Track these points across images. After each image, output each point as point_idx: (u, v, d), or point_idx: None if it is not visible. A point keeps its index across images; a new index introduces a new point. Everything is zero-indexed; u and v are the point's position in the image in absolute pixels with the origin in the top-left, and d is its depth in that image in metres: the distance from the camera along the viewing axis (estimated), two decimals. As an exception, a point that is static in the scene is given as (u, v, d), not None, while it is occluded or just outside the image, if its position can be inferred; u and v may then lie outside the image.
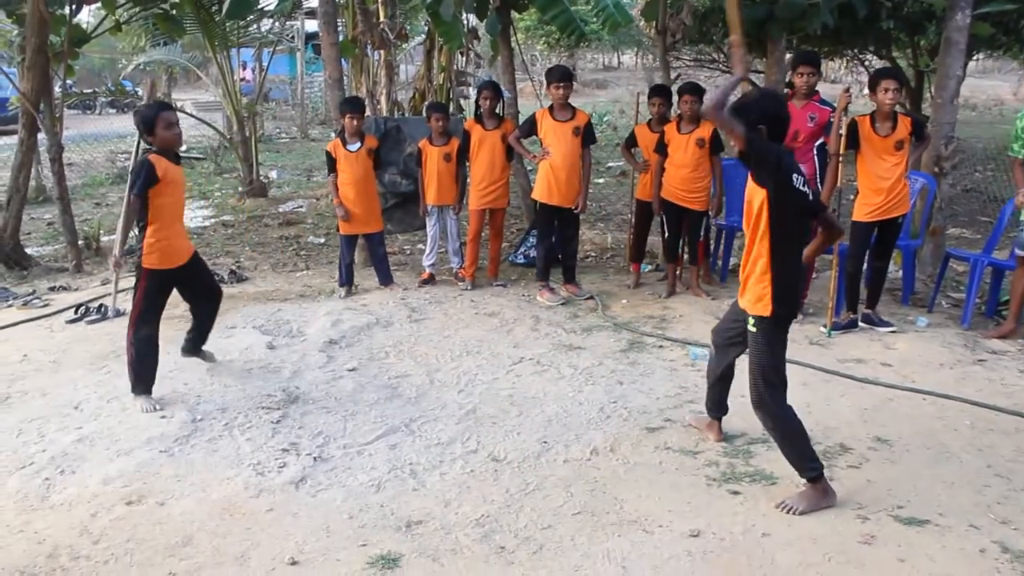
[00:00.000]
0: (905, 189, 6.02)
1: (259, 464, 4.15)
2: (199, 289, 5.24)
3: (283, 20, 14.36)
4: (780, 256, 3.73)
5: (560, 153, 6.80)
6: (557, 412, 4.72)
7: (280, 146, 19.13)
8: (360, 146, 7.03)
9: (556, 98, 6.85)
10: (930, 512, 3.70)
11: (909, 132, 5.94)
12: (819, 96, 6.33)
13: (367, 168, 7.08)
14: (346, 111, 7.04)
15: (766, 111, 3.80)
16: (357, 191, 7.02)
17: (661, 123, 7.15)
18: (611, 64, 40.43)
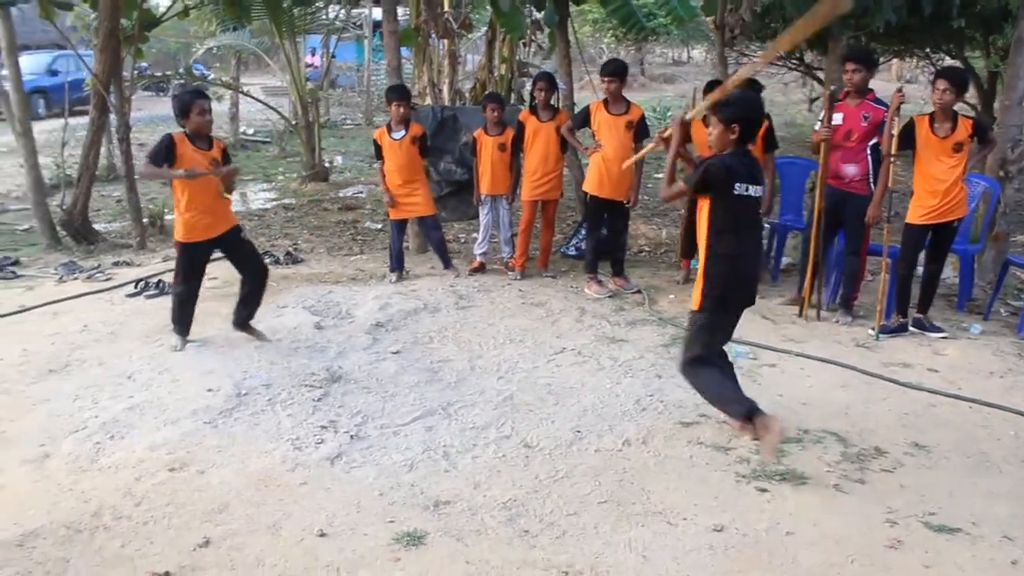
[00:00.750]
0: (963, 192, 5.90)
1: (298, 439, 4.27)
2: (239, 263, 5.68)
3: (350, 7, 14.53)
4: (714, 255, 4.11)
5: (612, 146, 6.81)
6: (593, 402, 4.76)
7: (344, 132, 19.40)
8: (405, 134, 7.10)
9: (608, 92, 6.87)
10: (963, 521, 3.66)
11: (970, 134, 5.81)
12: (873, 95, 6.21)
13: (412, 155, 7.14)
14: (392, 99, 7.14)
15: (741, 113, 4.11)
16: (403, 177, 7.12)
17: None
18: (680, 59, 40.07)
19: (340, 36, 16.80)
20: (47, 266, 7.62)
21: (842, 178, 6.17)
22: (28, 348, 5.52)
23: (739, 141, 4.09)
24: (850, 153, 6.14)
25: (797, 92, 23.09)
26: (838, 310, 6.42)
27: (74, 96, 13.32)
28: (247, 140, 17.24)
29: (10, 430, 4.38)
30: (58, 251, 8.16)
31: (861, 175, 6.13)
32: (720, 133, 4.12)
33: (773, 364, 5.42)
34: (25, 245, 8.44)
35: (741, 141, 4.10)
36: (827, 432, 4.46)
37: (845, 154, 6.14)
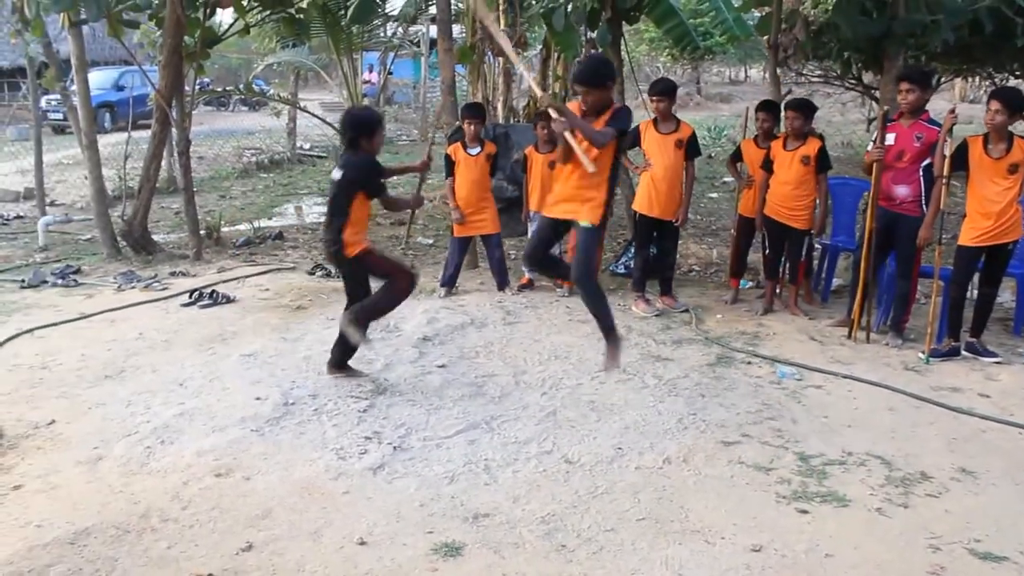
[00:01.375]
0: (1017, 214, 5.78)
1: (342, 449, 4.34)
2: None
3: (407, 25, 14.75)
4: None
5: (661, 165, 6.83)
6: (636, 420, 4.76)
7: (400, 148, 19.62)
8: (480, 151, 7.23)
9: (657, 111, 6.90)
10: (1009, 549, 3.59)
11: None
12: (928, 115, 6.13)
13: (484, 172, 7.26)
14: (466, 116, 7.26)
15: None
16: (474, 194, 7.22)
17: (767, 138, 7.10)
18: (737, 78, 39.86)
19: (397, 53, 17.07)
20: (107, 275, 7.84)
21: (893, 199, 6.10)
22: (86, 353, 5.70)
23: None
24: (902, 174, 6.06)
25: (855, 112, 22.79)
26: (888, 333, 6.34)
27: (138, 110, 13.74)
28: (304, 155, 17.54)
29: (66, 432, 4.52)
30: (118, 260, 8.40)
31: (913, 196, 6.05)
32: None
33: (819, 386, 5.37)
34: (87, 254, 8.69)
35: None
36: (872, 455, 4.40)
37: (897, 175, 6.07)
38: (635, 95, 14.93)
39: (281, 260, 8.57)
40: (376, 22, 13.21)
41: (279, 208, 12.37)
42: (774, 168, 6.76)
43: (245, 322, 6.42)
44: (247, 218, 10.90)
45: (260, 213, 11.59)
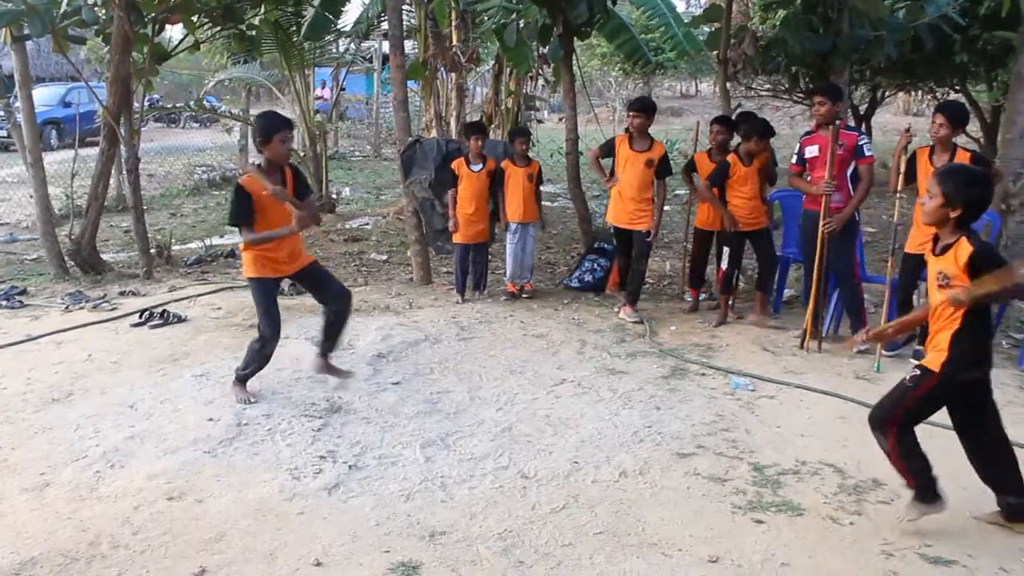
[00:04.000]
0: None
1: (296, 469, 4.29)
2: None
3: (359, 40, 14.71)
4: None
5: (628, 182, 6.99)
6: (591, 434, 4.77)
7: (353, 164, 19.55)
8: (482, 167, 7.57)
9: (633, 127, 7.00)
10: (959, 553, 3.65)
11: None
12: (844, 123, 6.39)
13: (484, 187, 7.61)
14: (471, 133, 7.64)
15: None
16: (474, 206, 7.54)
17: (721, 152, 7.19)
18: (688, 92, 40.33)
19: (349, 69, 16.99)
20: (54, 295, 7.68)
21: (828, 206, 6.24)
22: (32, 376, 5.57)
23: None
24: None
25: (804, 125, 23.16)
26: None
27: (86, 127, 13.49)
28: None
29: (11, 458, 4.41)
30: (66, 281, 8.23)
31: (844, 201, 6.22)
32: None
33: (772, 396, 5.43)
34: (33, 275, 8.51)
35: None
36: (825, 464, 4.46)
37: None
38: (587, 110, 15.03)
39: (234, 278, 8.46)
40: (328, 38, 13.14)
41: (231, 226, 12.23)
42: (730, 182, 6.85)
43: (197, 342, 6.32)
44: (199, 236, 10.75)
45: (212, 231, 11.45)
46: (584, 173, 9.73)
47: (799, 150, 6.47)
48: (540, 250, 9.96)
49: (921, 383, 3.77)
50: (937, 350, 3.74)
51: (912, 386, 3.79)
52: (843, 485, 4.24)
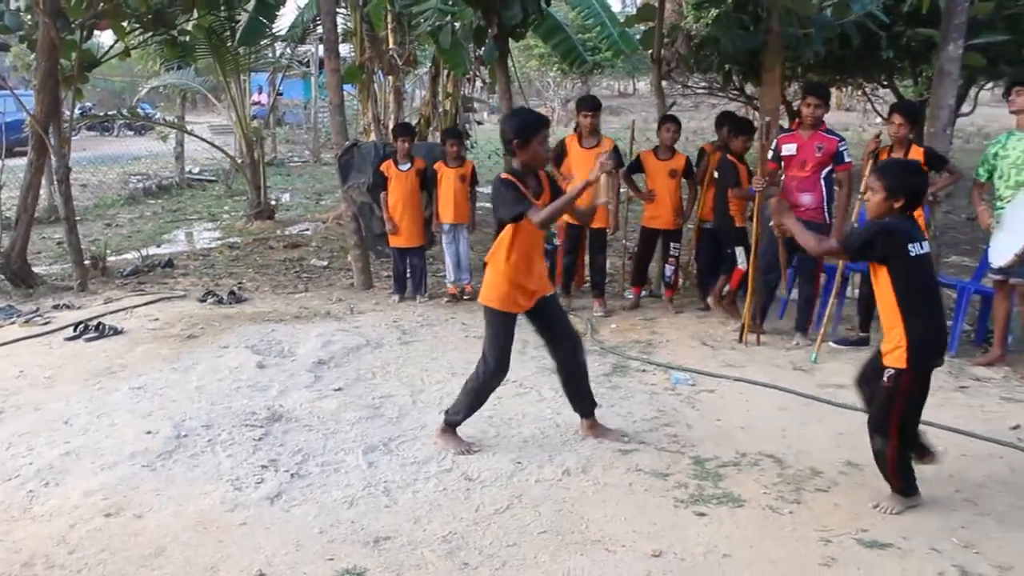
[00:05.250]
0: (916, 218, 6.10)
1: (237, 480, 4.24)
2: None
3: (295, 45, 14.58)
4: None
5: (581, 178, 6.96)
6: (534, 433, 4.80)
7: (292, 170, 19.37)
8: (410, 167, 7.66)
9: (584, 126, 7.11)
10: (894, 536, 3.74)
11: (923, 162, 6.04)
12: (825, 126, 6.44)
13: (415, 187, 7.67)
14: (398, 135, 7.76)
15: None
16: (404, 207, 7.63)
17: (670, 151, 7.30)
18: (626, 91, 40.67)
19: (286, 73, 16.85)
20: (-17, 311, 7.49)
21: (798, 207, 6.34)
22: (-38, 395, 5.43)
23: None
24: (806, 182, 6.33)
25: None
26: (795, 334, 6.57)
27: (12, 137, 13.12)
28: (194, 179, 17.15)
29: (-59, 480, 4.30)
30: (-4, 295, 8.04)
31: (816, 204, 6.33)
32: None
33: (712, 390, 5.51)
34: (-39, 290, 8.30)
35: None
36: (764, 455, 4.54)
37: (800, 183, 6.34)
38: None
39: (171, 288, 8.34)
40: (263, 43, 13.01)
41: (168, 235, 12.05)
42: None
43: (134, 354, 6.21)
44: (135, 246, 10.58)
45: (148, 240, 11.27)
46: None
47: (776, 147, 6.50)
48: (481, 251, 9.96)
49: (899, 382, 3.88)
50: (896, 347, 3.86)
51: (893, 388, 3.91)
52: (782, 475, 4.31)
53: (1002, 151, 5.94)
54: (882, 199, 3.85)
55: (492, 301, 4.45)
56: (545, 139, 4.39)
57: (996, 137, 6.28)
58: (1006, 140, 5.96)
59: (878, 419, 3.99)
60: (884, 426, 3.94)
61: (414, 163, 7.64)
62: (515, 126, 4.34)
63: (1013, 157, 5.83)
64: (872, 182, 3.90)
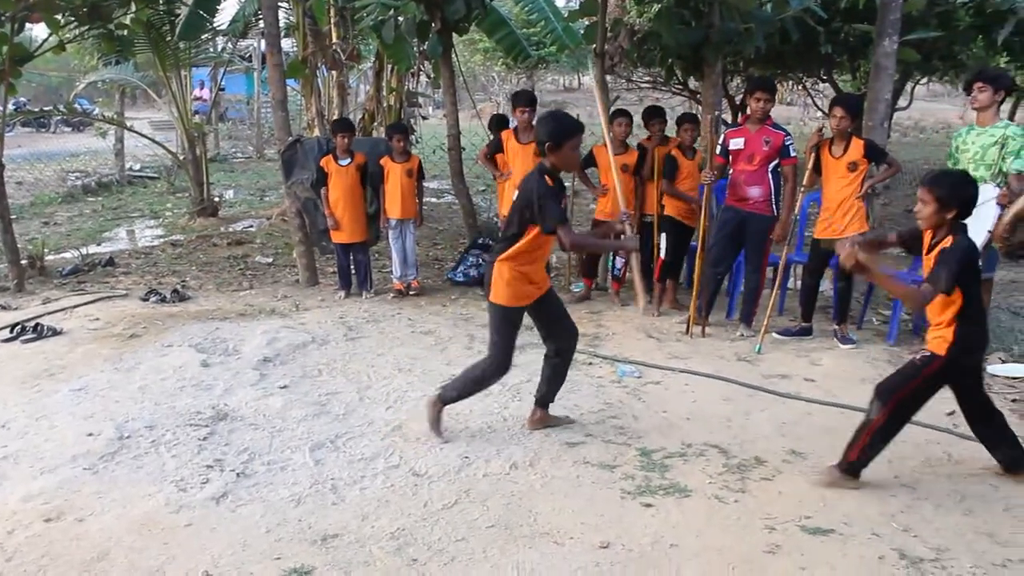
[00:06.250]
0: (857, 209, 6.23)
1: (182, 480, 4.18)
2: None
3: (237, 39, 14.37)
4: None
5: (520, 173, 7.04)
6: (481, 428, 4.81)
7: (235, 166, 19.11)
8: (350, 162, 7.58)
9: (520, 122, 7.15)
10: (836, 522, 3.82)
11: (863, 154, 6.17)
12: (772, 120, 6.54)
13: (355, 182, 7.61)
14: (337, 131, 7.65)
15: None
16: (345, 203, 7.55)
17: (624, 145, 7.33)
18: (571, 86, 40.79)
19: (228, 68, 16.61)
20: (-85, 313, 7.28)
21: (746, 199, 6.43)
22: None
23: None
24: (754, 176, 6.41)
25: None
26: (740, 324, 6.67)
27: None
28: (135, 176, 16.83)
29: None
30: (-73, 297, 7.81)
31: (764, 196, 6.41)
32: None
33: (658, 382, 5.57)
34: None
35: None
36: (709, 445, 4.60)
37: (749, 176, 6.42)
38: (471, 105, 15.07)
39: (112, 287, 8.18)
40: (204, 37, 12.78)
41: (109, 233, 11.81)
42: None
43: (74, 355, 6.08)
44: (74, 245, 10.35)
45: (88, 239, 11.03)
46: (469, 168, 9.76)
47: (724, 142, 6.59)
48: (428, 246, 9.97)
49: (929, 364, 4.01)
50: (940, 336, 4.00)
51: (921, 365, 4.04)
52: (727, 465, 4.38)
53: (962, 145, 6.06)
54: (935, 211, 3.94)
55: (502, 299, 4.47)
56: (578, 145, 4.40)
57: (956, 130, 6.42)
58: (965, 134, 6.07)
59: (889, 385, 4.12)
60: (889, 394, 4.07)
61: (354, 158, 7.60)
62: (551, 130, 4.34)
63: (972, 152, 5.95)
64: (923, 194, 3.98)
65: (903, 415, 4.10)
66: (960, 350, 3.96)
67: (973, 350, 4.04)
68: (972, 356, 4.06)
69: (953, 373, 4.07)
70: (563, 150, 4.33)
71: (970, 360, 4.07)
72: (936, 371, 4.01)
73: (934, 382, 4.07)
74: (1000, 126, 5.86)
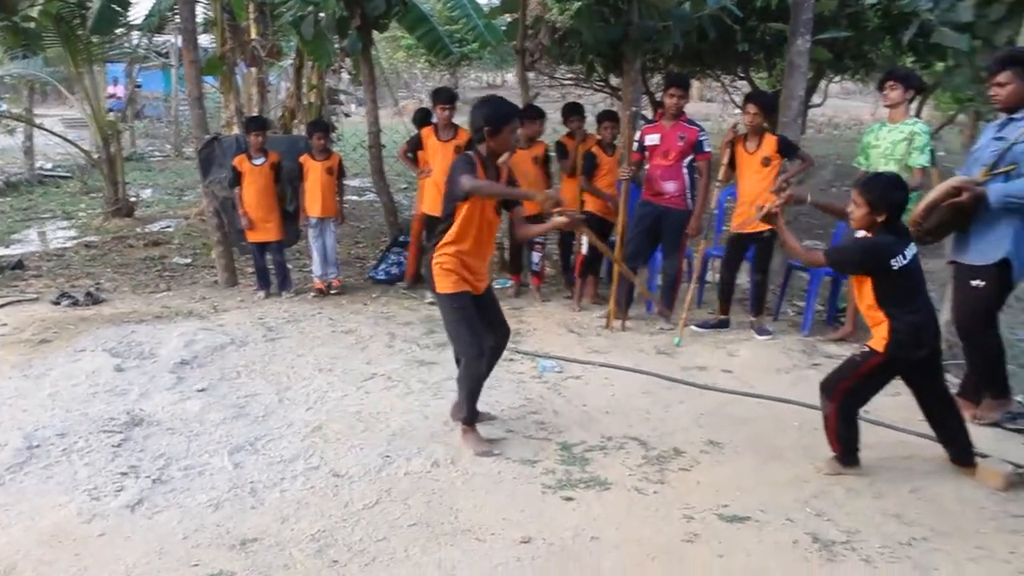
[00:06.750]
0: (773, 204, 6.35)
1: (95, 489, 4.07)
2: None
3: (151, 35, 14.03)
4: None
5: (440, 170, 7.14)
6: (402, 426, 4.79)
7: (152, 165, 18.66)
8: (264, 160, 7.50)
9: (440, 118, 7.16)
10: (752, 509, 3.91)
11: (776, 150, 6.30)
12: (686, 116, 6.64)
13: (269, 181, 7.54)
14: (251, 129, 7.52)
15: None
16: (260, 202, 7.49)
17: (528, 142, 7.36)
18: (495, 83, 40.79)
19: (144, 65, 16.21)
20: None
21: (662, 194, 6.52)
22: None
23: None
24: (669, 171, 6.51)
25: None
26: (658, 318, 6.77)
27: None
28: (46, 175, 16.30)
29: None
30: None
31: (679, 191, 6.52)
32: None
33: (579, 376, 5.62)
34: None
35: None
36: (629, 437, 4.66)
37: (664, 172, 6.52)
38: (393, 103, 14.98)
39: (22, 291, 7.91)
40: (118, 32, 12.43)
41: (18, 235, 11.41)
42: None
43: (-20, 362, 5.88)
44: (-20, 247, 10.01)
45: (-4, 240, 10.68)
46: (390, 165, 9.70)
47: (640, 138, 6.68)
48: (349, 245, 9.89)
49: (868, 359, 4.12)
50: (878, 333, 4.11)
51: (861, 361, 4.16)
52: (647, 456, 4.44)
53: (874, 140, 6.23)
54: (866, 213, 4.04)
55: (447, 288, 4.39)
56: (515, 129, 4.37)
57: (868, 126, 6.59)
58: (878, 130, 6.24)
59: (830, 380, 4.24)
60: (832, 388, 4.19)
61: (268, 157, 7.51)
62: (488, 114, 4.29)
63: (883, 147, 6.12)
64: (856, 197, 4.08)
65: (853, 404, 4.21)
66: (897, 346, 4.05)
67: (913, 345, 4.09)
68: (913, 352, 4.10)
69: (896, 368, 4.17)
70: (502, 135, 4.31)
71: (913, 355, 4.10)
72: (876, 367, 4.11)
73: (879, 375, 4.17)
74: (909, 123, 6.04)
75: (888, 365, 4.11)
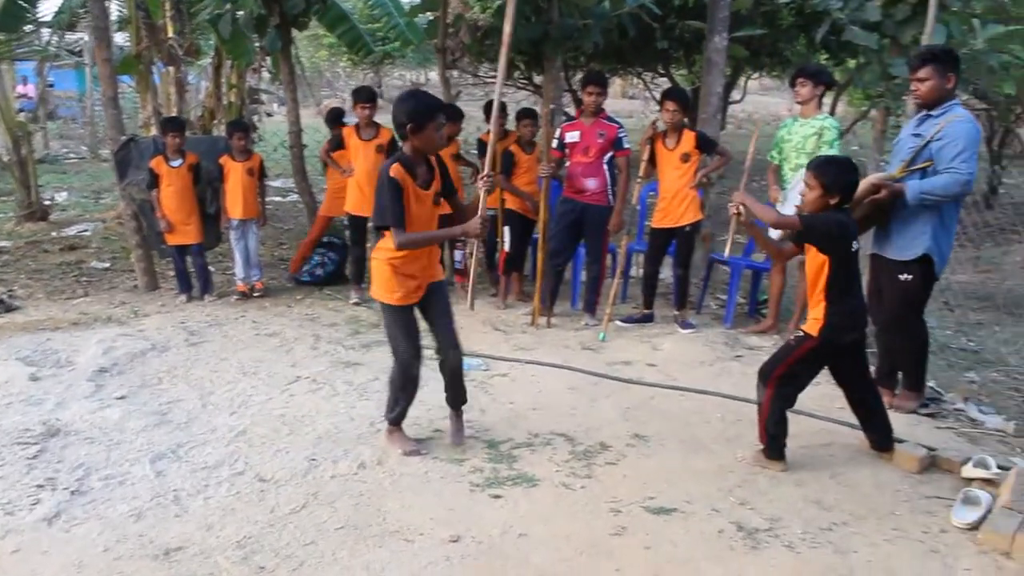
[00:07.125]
0: (692, 198, 6.47)
1: (9, 504, 3.94)
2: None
3: (62, 33, 13.61)
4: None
5: (363, 169, 7.14)
6: (328, 429, 4.75)
7: (68, 167, 18.11)
8: (182, 162, 7.36)
9: (361, 117, 7.12)
10: (678, 500, 3.98)
11: (695, 146, 6.40)
12: (606, 113, 6.70)
13: (187, 183, 7.39)
14: (168, 130, 7.38)
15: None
16: (178, 204, 7.34)
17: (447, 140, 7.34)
18: (418, 81, 40.60)
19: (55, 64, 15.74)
20: None
21: (584, 191, 6.58)
22: None
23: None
24: (590, 168, 6.56)
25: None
26: (584, 314, 6.83)
27: None
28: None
29: None
30: None
31: (600, 188, 6.58)
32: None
33: (505, 374, 5.65)
34: None
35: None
36: (556, 433, 4.70)
37: (585, 169, 6.57)
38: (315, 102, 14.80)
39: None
40: (27, 29, 12.03)
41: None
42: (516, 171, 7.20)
43: None
44: None
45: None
46: (312, 165, 9.60)
47: (560, 136, 6.71)
48: (272, 247, 9.76)
49: (802, 343, 4.19)
50: (814, 317, 4.19)
51: (795, 345, 4.23)
52: (573, 452, 4.48)
53: (787, 135, 6.38)
54: (819, 195, 4.11)
55: (384, 297, 4.31)
56: (441, 125, 4.15)
57: (783, 121, 6.74)
58: (791, 125, 6.40)
59: (766, 366, 4.31)
60: (767, 374, 4.26)
61: (186, 159, 7.37)
62: (410, 109, 4.05)
63: (795, 141, 6.28)
64: (809, 179, 4.14)
65: (787, 392, 4.29)
66: (831, 330, 4.15)
67: (845, 329, 4.20)
68: (845, 335, 4.21)
69: (827, 353, 4.26)
70: (426, 131, 4.08)
71: (843, 339, 4.21)
72: (809, 351, 4.20)
73: (812, 360, 4.26)
74: (820, 118, 6.20)
75: (820, 348, 4.20)
